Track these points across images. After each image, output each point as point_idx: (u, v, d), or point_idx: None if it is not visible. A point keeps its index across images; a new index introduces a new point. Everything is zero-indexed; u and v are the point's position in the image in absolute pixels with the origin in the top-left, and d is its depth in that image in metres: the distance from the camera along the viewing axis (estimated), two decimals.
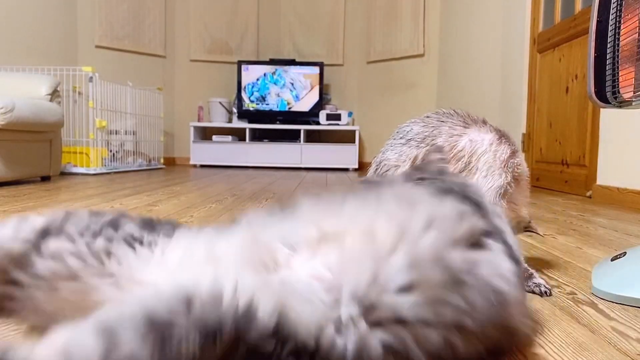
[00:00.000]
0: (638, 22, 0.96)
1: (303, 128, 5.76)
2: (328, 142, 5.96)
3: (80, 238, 0.60)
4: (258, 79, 5.99)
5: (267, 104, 6.03)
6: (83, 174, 4.09)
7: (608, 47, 1.02)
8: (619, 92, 1.01)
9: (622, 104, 1.02)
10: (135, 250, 0.59)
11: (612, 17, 1.02)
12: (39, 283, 0.59)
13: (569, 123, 3.16)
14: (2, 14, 4.09)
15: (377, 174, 1.16)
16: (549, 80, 3.43)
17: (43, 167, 3.40)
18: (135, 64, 5.67)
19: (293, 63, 6.02)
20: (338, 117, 5.78)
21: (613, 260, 1.05)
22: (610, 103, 1.03)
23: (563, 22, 3.27)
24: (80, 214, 0.65)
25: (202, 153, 5.77)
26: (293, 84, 6.01)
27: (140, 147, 5.09)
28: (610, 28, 1.02)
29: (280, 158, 5.73)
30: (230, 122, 6.05)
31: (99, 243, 0.60)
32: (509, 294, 0.52)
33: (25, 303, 0.60)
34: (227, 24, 6.18)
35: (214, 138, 5.82)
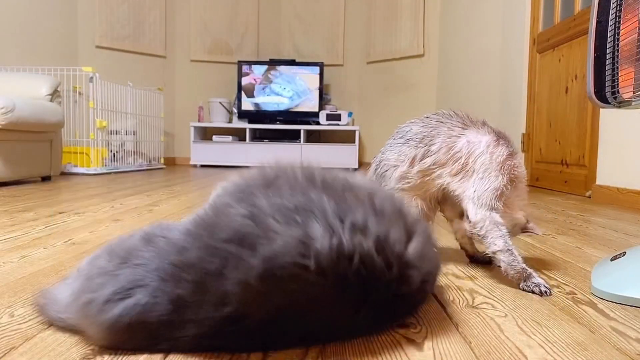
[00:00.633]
0: (638, 22, 0.96)
1: (303, 128, 5.76)
2: (328, 142, 5.96)
3: None
4: (257, 79, 5.99)
5: (267, 104, 6.03)
6: (83, 174, 4.09)
7: (608, 47, 1.03)
8: (619, 92, 1.01)
9: (621, 104, 1.02)
10: None
11: (611, 17, 1.02)
12: None
13: (569, 123, 3.17)
14: (2, 14, 4.10)
15: (376, 174, 1.17)
16: (549, 81, 3.44)
17: (43, 167, 3.40)
18: (136, 64, 5.67)
19: (293, 63, 6.02)
20: (338, 117, 5.78)
21: (612, 260, 1.05)
22: (610, 103, 1.04)
23: (563, 22, 3.27)
24: None
25: (202, 153, 5.77)
26: (293, 84, 6.01)
27: (141, 147, 5.09)
28: (610, 28, 1.02)
29: (281, 158, 5.73)
30: (231, 122, 6.05)
31: None
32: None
33: None
34: (227, 24, 6.18)
35: (214, 138, 5.82)
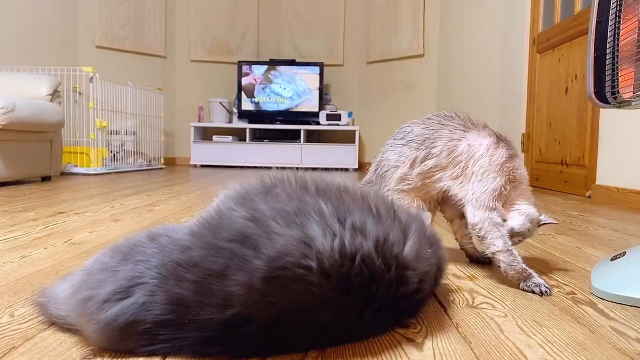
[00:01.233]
0: (637, 22, 0.96)
1: (303, 128, 5.76)
2: (328, 142, 5.96)
3: None
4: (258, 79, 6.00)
5: (267, 104, 6.03)
6: (83, 174, 4.09)
7: (607, 47, 1.03)
8: (619, 92, 1.01)
9: (621, 104, 1.02)
10: None
11: (611, 17, 1.02)
12: None
13: (569, 123, 3.17)
14: (2, 14, 4.10)
15: (376, 174, 1.17)
16: (549, 81, 3.44)
17: (43, 167, 3.40)
18: (136, 64, 5.67)
19: (293, 63, 6.02)
20: (338, 117, 5.78)
21: (612, 260, 1.05)
22: (610, 103, 1.04)
23: (563, 22, 3.27)
24: None
25: (202, 153, 5.77)
26: (293, 84, 6.01)
27: (141, 147, 5.09)
28: (610, 28, 1.02)
29: (281, 158, 5.74)
30: (231, 122, 6.05)
31: None
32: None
33: None
34: (227, 24, 6.18)
35: (214, 138, 5.82)
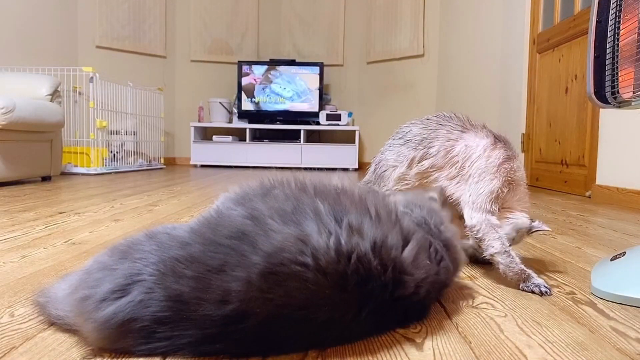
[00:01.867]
0: (637, 22, 0.96)
1: (303, 128, 5.76)
2: (328, 142, 5.96)
3: None
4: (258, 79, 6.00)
5: (267, 104, 6.03)
6: (83, 174, 4.09)
7: (607, 47, 1.03)
8: (619, 92, 1.01)
9: (621, 104, 1.02)
10: None
11: (611, 17, 1.02)
12: None
13: (569, 123, 3.17)
14: (2, 15, 4.10)
15: (375, 174, 1.17)
16: (549, 81, 3.44)
17: (44, 167, 3.40)
18: (136, 64, 5.67)
19: (293, 63, 6.02)
20: (338, 117, 5.78)
21: (612, 260, 1.05)
22: (610, 103, 1.04)
23: (563, 22, 3.27)
24: None
25: (202, 153, 5.77)
26: (293, 84, 6.01)
27: (141, 147, 5.09)
28: (610, 28, 1.02)
29: (281, 158, 5.74)
30: (231, 122, 6.05)
31: None
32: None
33: None
34: (227, 24, 6.18)
35: (214, 138, 5.82)
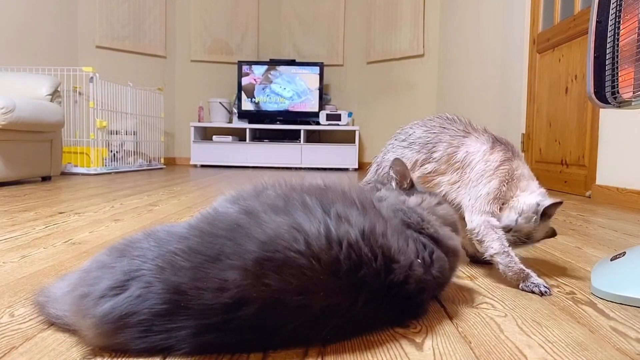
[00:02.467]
0: (637, 22, 0.96)
1: (303, 128, 5.76)
2: (328, 142, 5.96)
3: None
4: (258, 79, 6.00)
5: (267, 104, 6.03)
6: (83, 174, 4.09)
7: (607, 47, 1.03)
8: (619, 92, 1.01)
9: (621, 104, 1.02)
10: None
11: (611, 17, 1.02)
12: None
13: (569, 123, 3.17)
14: (2, 15, 4.10)
15: (377, 175, 1.17)
16: (549, 81, 3.44)
17: (43, 167, 3.40)
18: (136, 64, 5.67)
19: (293, 63, 6.02)
20: (338, 117, 5.78)
21: (612, 260, 1.05)
22: (610, 103, 1.04)
23: (562, 22, 3.27)
24: None
25: (202, 153, 5.77)
26: (293, 84, 6.01)
27: (141, 147, 5.09)
28: (610, 29, 1.02)
29: (281, 158, 5.74)
30: (231, 122, 6.05)
31: None
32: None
33: None
34: (227, 24, 6.18)
35: (214, 138, 5.82)
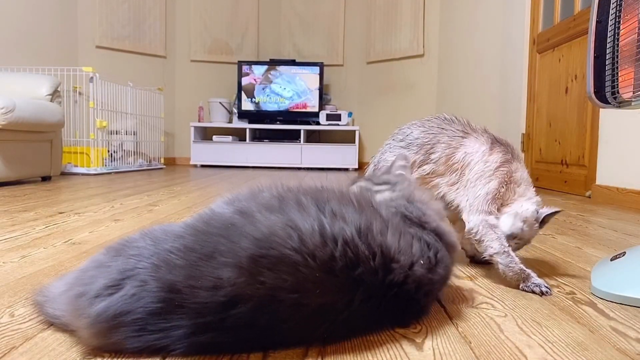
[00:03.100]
0: (637, 22, 0.96)
1: (303, 128, 5.76)
2: (328, 142, 5.96)
3: None
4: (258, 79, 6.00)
5: (267, 104, 6.03)
6: (83, 174, 4.09)
7: (607, 47, 1.03)
8: (619, 92, 1.01)
9: (621, 104, 1.02)
10: None
11: (611, 17, 1.02)
12: None
13: (569, 123, 3.17)
14: (2, 15, 4.10)
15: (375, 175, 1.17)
16: (549, 81, 3.44)
17: (44, 167, 3.40)
18: (136, 64, 5.67)
19: (293, 63, 6.02)
20: (338, 117, 5.78)
21: (612, 260, 1.05)
22: (610, 103, 1.04)
23: (562, 22, 3.27)
24: None
25: (202, 153, 5.77)
26: (293, 84, 6.01)
27: (141, 147, 5.09)
28: (610, 28, 1.02)
29: (281, 158, 5.74)
30: (231, 122, 6.05)
31: None
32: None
33: None
34: (227, 24, 6.18)
35: (214, 138, 5.82)
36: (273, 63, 6.02)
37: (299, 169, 5.66)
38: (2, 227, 1.61)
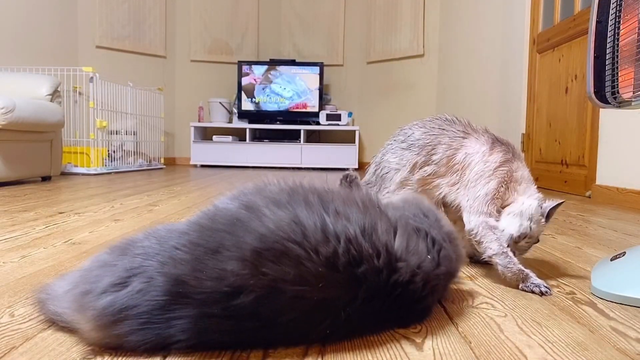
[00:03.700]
0: (637, 22, 0.96)
1: (303, 128, 5.76)
2: (328, 142, 5.96)
3: None
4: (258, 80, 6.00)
5: (267, 104, 6.03)
6: (83, 174, 4.09)
7: (607, 47, 1.03)
8: (619, 92, 1.01)
9: (621, 104, 1.02)
10: None
11: (611, 17, 1.02)
12: None
13: (569, 123, 3.17)
14: (2, 15, 4.10)
15: (376, 175, 1.17)
16: (549, 81, 3.44)
17: (44, 167, 3.40)
18: (136, 64, 5.67)
19: (293, 63, 6.02)
20: (338, 117, 5.78)
21: (612, 260, 1.05)
22: (610, 103, 1.04)
23: (562, 22, 3.27)
24: None
25: (202, 153, 5.77)
26: (293, 84, 6.01)
27: (141, 147, 5.09)
28: (610, 28, 1.02)
29: (281, 158, 5.74)
30: (231, 122, 6.05)
31: None
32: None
33: None
34: (227, 24, 6.18)
35: (214, 138, 5.82)
36: (273, 63, 6.02)
37: (299, 169, 5.65)
38: (2, 227, 1.61)
